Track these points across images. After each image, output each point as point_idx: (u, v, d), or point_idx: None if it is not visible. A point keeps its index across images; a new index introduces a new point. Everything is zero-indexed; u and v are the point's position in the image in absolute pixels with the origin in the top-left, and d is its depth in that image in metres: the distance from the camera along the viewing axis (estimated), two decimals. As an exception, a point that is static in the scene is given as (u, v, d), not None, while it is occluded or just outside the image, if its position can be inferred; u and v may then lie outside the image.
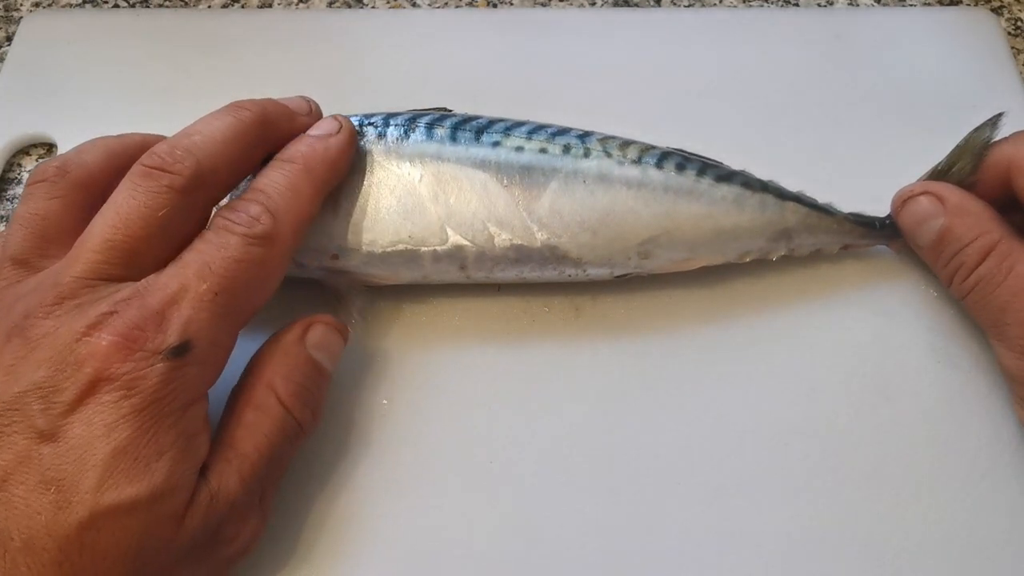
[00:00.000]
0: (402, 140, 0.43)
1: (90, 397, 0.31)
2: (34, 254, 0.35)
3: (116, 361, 0.31)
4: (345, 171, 0.41)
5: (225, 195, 0.39)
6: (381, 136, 0.44)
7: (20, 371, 0.31)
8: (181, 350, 0.32)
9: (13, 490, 0.30)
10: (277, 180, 0.38)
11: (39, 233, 0.36)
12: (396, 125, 0.44)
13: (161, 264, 0.35)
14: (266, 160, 0.40)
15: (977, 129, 0.44)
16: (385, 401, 0.43)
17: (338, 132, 0.41)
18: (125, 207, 0.34)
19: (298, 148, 0.39)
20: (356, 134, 0.42)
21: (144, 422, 0.31)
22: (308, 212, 0.38)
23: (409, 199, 0.43)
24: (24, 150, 0.53)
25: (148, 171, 0.35)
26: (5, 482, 0.30)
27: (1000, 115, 0.44)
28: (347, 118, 0.42)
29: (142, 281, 0.34)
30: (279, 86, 0.43)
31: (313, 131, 0.41)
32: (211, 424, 0.35)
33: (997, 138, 0.44)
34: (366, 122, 0.44)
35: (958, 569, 0.40)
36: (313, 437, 0.42)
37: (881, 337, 0.45)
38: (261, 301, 0.37)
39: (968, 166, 0.44)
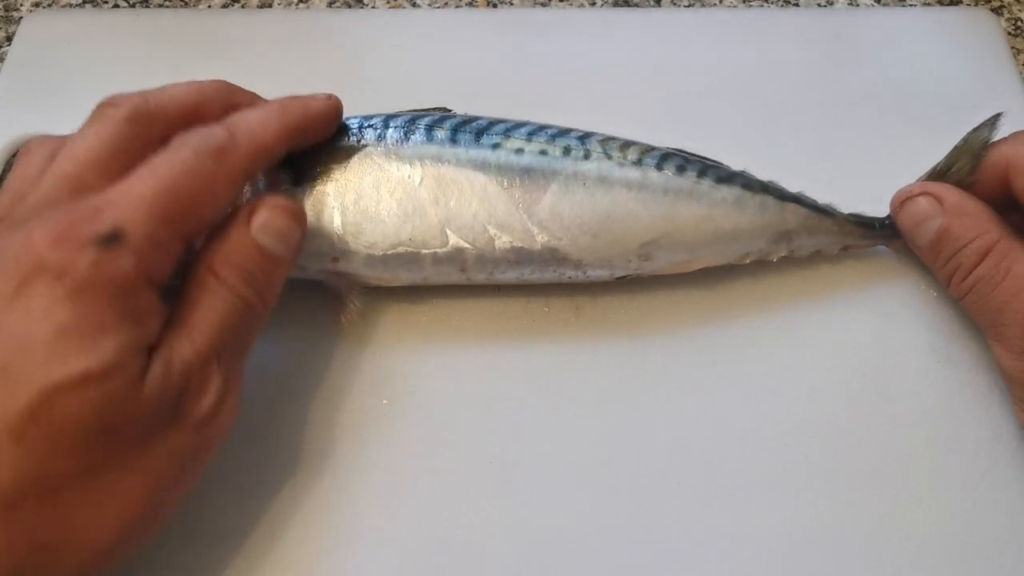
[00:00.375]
0: (402, 142, 0.43)
1: (25, 288, 0.31)
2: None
3: (48, 251, 0.32)
4: (322, 133, 0.42)
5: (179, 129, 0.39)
6: (381, 138, 0.43)
7: None
8: (112, 238, 0.32)
9: None
10: (248, 112, 0.39)
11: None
12: (395, 127, 0.44)
13: None
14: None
15: (976, 129, 0.44)
16: (385, 401, 0.43)
17: (327, 99, 0.42)
18: (79, 140, 0.37)
19: (281, 97, 0.41)
20: (341, 111, 0.43)
21: (82, 304, 0.31)
22: (269, 145, 0.39)
23: (409, 202, 0.43)
24: (24, 150, 0.53)
25: (100, 107, 0.38)
26: None
27: (999, 115, 0.44)
28: (339, 101, 0.43)
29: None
30: (279, 86, 0.43)
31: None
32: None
33: (996, 138, 0.44)
34: (365, 124, 0.44)
35: (958, 569, 0.40)
36: (311, 436, 0.42)
37: (881, 337, 0.45)
38: (208, 215, 0.37)
39: (967, 166, 0.44)
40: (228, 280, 0.36)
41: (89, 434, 0.31)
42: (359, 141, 0.43)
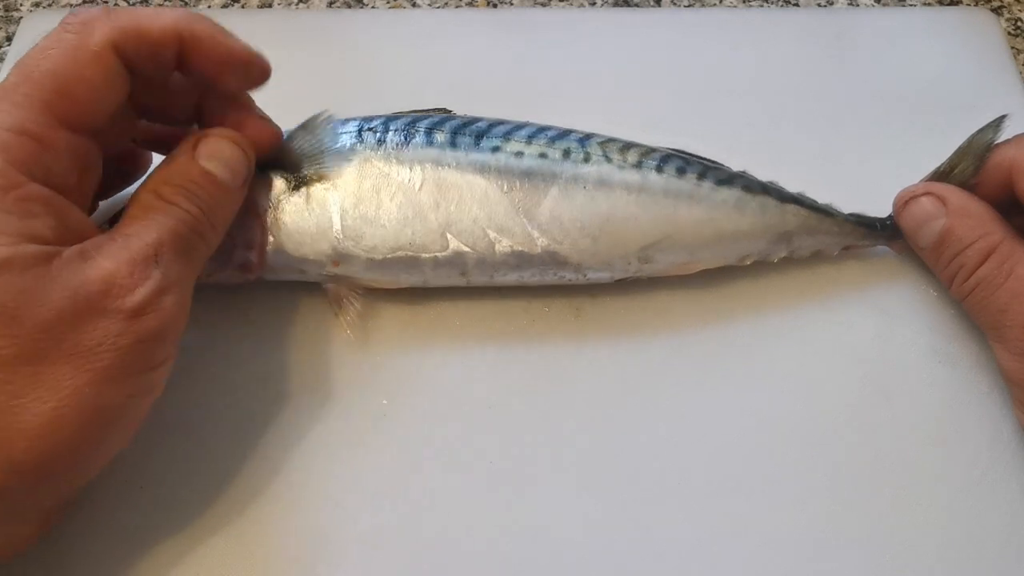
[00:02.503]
0: (402, 146, 0.43)
1: None
2: None
3: None
4: (227, 74, 0.40)
5: None
6: (381, 142, 0.43)
7: None
8: None
9: None
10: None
11: None
12: (396, 130, 0.44)
13: None
14: None
15: (980, 131, 0.44)
16: (385, 401, 0.43)
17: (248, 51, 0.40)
18: None
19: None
20: (256, 65, 0.41)
21: None
22: (148, 31, 0.37)
23: (409, 206, 0.43)
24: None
25: None
26: None
27: (1003, 117, 0.44)
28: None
29: None
30: (279, 86, 0.43)
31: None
32: None
33: (999, 140, 0.44)
34: (366, 127, 0.44)
35: (958, 569, 0.40)
36: (313, 437, 0.42)
37: (881, 337, 0.45)
38: (82, 94, 0.36)
39: (970, 168, 0.44)
40: (170, 197, 0.37)
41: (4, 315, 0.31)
42: (359, 144, 0.43)
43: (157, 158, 0.41)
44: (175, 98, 0.41)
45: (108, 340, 0.33)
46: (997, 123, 0.44)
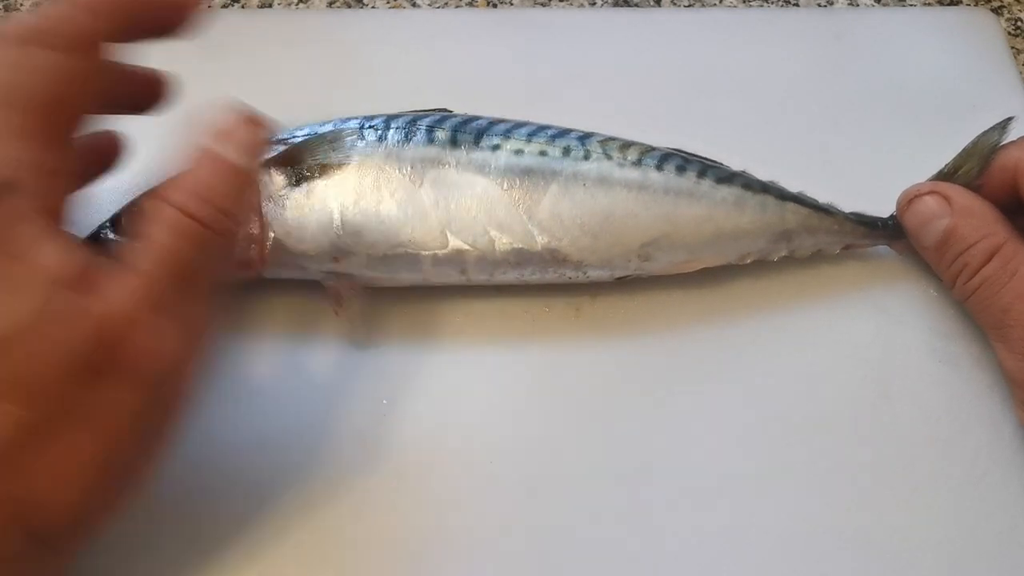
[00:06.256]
0: (403, 144, 0.43)
1: None
2: None
3: None
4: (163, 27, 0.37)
5: None
6: (382, 139, 0.43)
7: None
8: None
9: None
10: None
11: None
12: (396, 128, 0.44)
13: None
14: None
15: (985, 132, 0.44)
16: (385, 401, 0.43)
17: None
18: None
19: None
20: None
21: None
22: None
23: (409, 204, 0.43)
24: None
25: None
26: None
27: (1009, 119, 0.44)
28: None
29: None
30: (279, 86, 0.43)
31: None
32: None
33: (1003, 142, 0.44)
34: (367, 125, 0.44)
35: (958, 569, 0.40)
36: (311, 436, 0.42)
37: (881, 337, 0.45)
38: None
39: (975, 169, 0.44)
40: (177, 200, 0.32)
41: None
42: (360, 142, 0.43)
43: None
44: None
45: (119, 407, 0.31)
46: (1003, 125, 0.44)
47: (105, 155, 0.42)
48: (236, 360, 0.44)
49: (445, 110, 0.46)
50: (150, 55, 0.55)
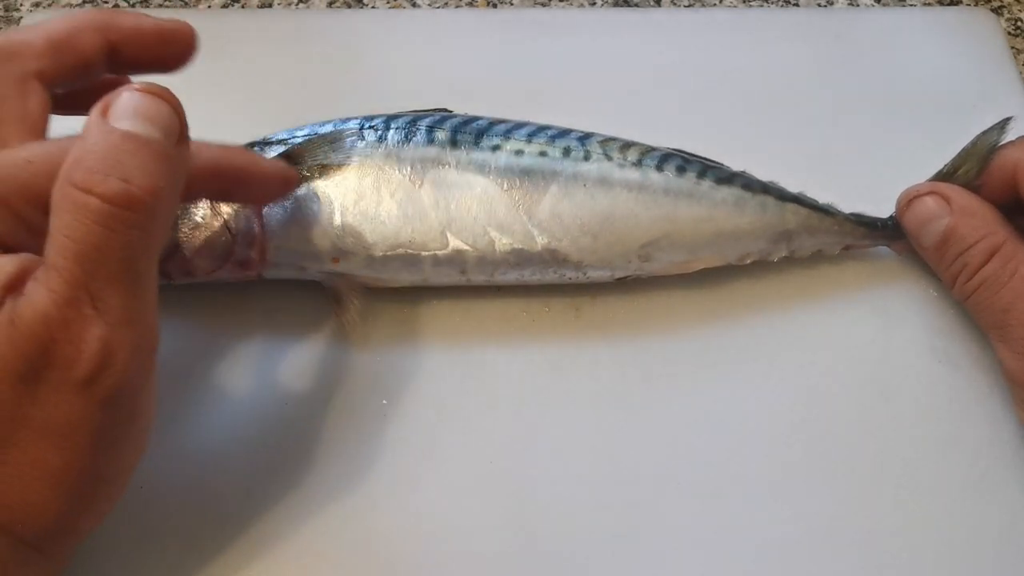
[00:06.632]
0: (403, 144, 0.43)
1: None
2: None
3: None
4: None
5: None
6: (382, 140, 0.43)
7: None
8: None
9: None
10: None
11: None
12: (396, 128, 0.44)
13: None
14: None
15: (985, 133, 0.44)
16: (385, 401, 0.43)
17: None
18: None
19: None
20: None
21: None
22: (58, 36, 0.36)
23: (409, 204, 0.43)
24: (24, 150, 0.53)
25: None
26: None
27: (1008, 119, 0.44)
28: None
29: None
30: (279, 86, 0.43)
31: None
32: None
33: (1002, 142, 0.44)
34: (367, 125, 0.44)
35: (958, 569, 0.40)
36: (311, 436, 0.42)
37: (881, 337, 0.45)
38: None
39: (974, 169, 0.44)
40: (85, 182, 0.29)
41: None
42: (360, 142, 0.43)
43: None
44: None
45: (69, 417, 0.30)
46: (1002, 125, 0.44)
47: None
48: (236, 360, 0.44)
49: (445, 110, 0.46)
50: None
